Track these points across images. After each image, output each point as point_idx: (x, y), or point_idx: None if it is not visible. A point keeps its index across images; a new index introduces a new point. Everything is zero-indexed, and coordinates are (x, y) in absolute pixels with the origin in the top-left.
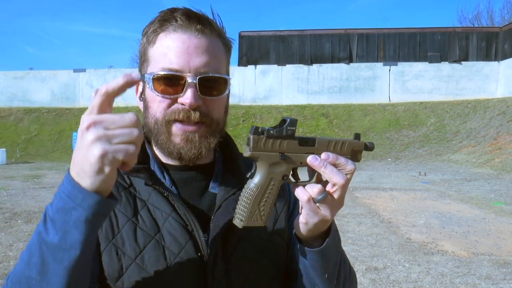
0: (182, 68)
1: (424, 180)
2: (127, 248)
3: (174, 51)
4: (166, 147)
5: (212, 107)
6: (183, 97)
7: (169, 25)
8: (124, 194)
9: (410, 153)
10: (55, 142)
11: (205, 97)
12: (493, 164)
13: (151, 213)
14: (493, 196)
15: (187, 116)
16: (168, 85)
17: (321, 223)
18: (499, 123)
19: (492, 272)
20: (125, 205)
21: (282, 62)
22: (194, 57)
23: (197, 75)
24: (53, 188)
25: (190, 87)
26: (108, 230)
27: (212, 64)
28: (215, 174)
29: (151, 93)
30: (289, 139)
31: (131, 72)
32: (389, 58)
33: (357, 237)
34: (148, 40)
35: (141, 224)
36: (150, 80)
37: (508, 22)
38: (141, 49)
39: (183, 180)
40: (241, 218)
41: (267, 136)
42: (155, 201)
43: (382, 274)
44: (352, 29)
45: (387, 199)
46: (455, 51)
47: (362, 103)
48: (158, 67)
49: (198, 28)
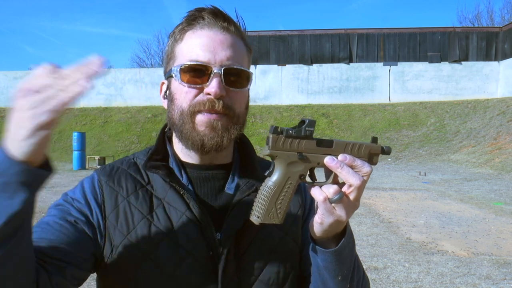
0: (208, 60)
1: (424, 180)
2: (141, 244)
3: (200, 46)
4: (190, 136)
5: (235, 100)
6: (208, 86)
7: (196, 23)
8: (141, 192)
9: (410, 153)
10: (55, 142)
11: (228, 88)
12: (493, 164)
13: (166, 211)
14: (493, 196)
15: (212, 106)
16: (194, 76)
17: (336, 223)
18: (499, 123)
19: (492, 272)
20: (141, 202)
21: (282, 62)
22: (219, 51)
23: (222, 66)
24: (53, 188)
25: (215, 77)
26: (124, 225)
27: (236, 58)
28: (232, 175)
29: (178, 84)
30: (307, 140)
31: None
32: (389, 58)
33: (357, 237)
34: (175, 39)
35: (156, 221)
36: (178, 71)
37: (508, 22)
38: (167, 49)
39: (200, 178)
40: (258, 215)
41: (286, 136)
42: (170, 199)
43: (382, 274)
44: (352, 29)
45: (387, 199)
46: (455, 51)
47: (362, 103)
48: (185, 60)
49: (224, 25)
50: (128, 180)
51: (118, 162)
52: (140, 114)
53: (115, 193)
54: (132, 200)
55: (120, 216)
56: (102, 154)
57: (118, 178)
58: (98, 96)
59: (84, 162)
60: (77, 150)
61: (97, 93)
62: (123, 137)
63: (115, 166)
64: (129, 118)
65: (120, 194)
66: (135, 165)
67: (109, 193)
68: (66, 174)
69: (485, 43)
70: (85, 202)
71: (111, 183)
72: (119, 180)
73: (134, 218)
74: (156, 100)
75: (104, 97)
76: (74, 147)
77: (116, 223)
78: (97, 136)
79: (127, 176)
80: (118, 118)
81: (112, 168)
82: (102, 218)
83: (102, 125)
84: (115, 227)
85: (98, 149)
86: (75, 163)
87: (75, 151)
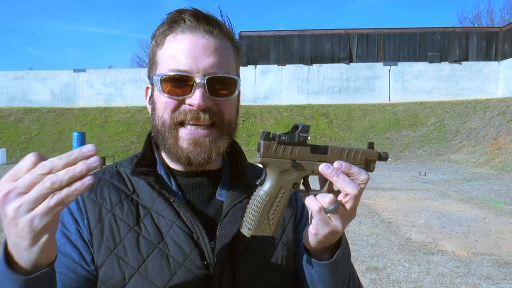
0: (190, 69)
1: (424, 180)
2: (129, 257)
3: (182, 52)
4: (174, 152)
5: (223, 108)
6: (191, 98)
7: (177, 26)
8: (126, 202)
9: (410, 153)
10: (55, 142)
11: (214, 98)
12: (493, 164)
13: (155, 220)
14: (493, 196)
15: (196, 118)
16: (176, 86)
17: (331, 234)
18: (499, 123)
19: (492, 272)
20: (127, 213)
21: (282, 62)
22: (202, 58)
23: (206, 75)
24: None
25: (198, 87)
26: (110, 239)
27: (221, 64)
28: (222, 181)
29: (159, 94)
30: (301, 146)
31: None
32: (389, 58)
33: (357, 237)
34: (156, 43)
35: (144, 232)
36: (158, 81)
37: (508, 22)
38: (150, 53)
39: (190, 186)
40: (249, 226)
41: (278, 142)
42: (159, 208)
43: (382, 274)
44: (352, 29)
45: (387, 199)
46: (455, 51)
47: (362, 103)
48: (166, 68)
49: (207, 29)
50: (112, 191)
51: (99, 173)
52: (140, 114)
53: (98, 206)
54: (117, 211)
55: (106, 230)
56: (102, 154)
57: (100, 190)
58: (98, 96)
59: None
60: None
61: (97, 93)
62: (123, 137)
63: (96, 177)
64: (129, 118)
65: (103, 207)
66: (118, 173)
67: (92, 207)
68: None
69: (485, 43)
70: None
71: (93, 196)
72: (101, 192)
73: (121, 230)
74: None
75: (104, 97)
76: (74, 147)
77: (102, 237)
78: (97, 136)
79: (110, 186)
80: (118, 118)
81: None
82: (89, 237)
83: (102, 125)
84: (101, 242)
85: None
86: None
87: None
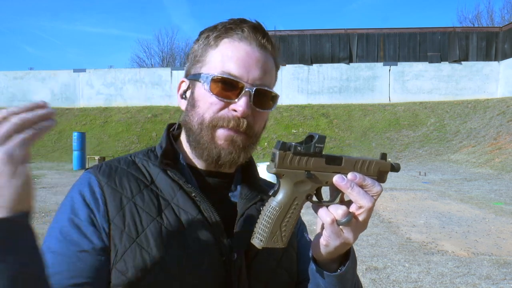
0: (241, 76)
1: (424, 180)
2: (152, 248)
3: (236, 59)
4: (207, 147)
5: (257, 120)
6: (237, 103)
7: (234, 33)
8: (146, 192)
9: (410, 153)
10: (55, 142)
11: (255, 108)
12: (493, 164)
13: (176, 213)
14: (493, 196)
15: (237, 124)
16: (225, 89)
17: (342, 246)
18: (499, 123)
19: (492, 272)
20: (148, 203)
21: (282, 62)
22: (253, 69)
23: (254, 86)
24: (53, 188)
25: (245, 95)
26: (132, 228)
27: (267, 79)
28: (235, 183)
29: (205, 93)
30: (316, 157)
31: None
32: (389, 58)
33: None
34: (208, 42)
35: (166, 223)
36: (208, 80)
37: (508, 22)
38: (197, 49)
39: (207, 185)
40: (260, 238)
41: (294, 153)
42: (180, 202)
43: (382, 274)
44: (352, 29)
45: (387, 199)
46: (455, 51)
47: (362, 103)
48: (218, 69)
49: (262, 43)
50: (131, 180)
51: (115, 161)
52: (140, 114)
53: (118, 194)
54: (138, 201)
55: (127, 219)
56: (102, 154)
57: (119, 178)
58: (98, 96)
59: (84, 162)
60: (77, 150)
61: (97, 93)
62: (123, 137)
63: (113, 165)
64: (129, 118)
65: (124, 196)
66: (135, 164)
67: (112, 195)
68: (66, 174)
69: (485, 43)
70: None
71: (112, 184)
72: (120, 180)
73: (143, 220)
74: (156, 100)
75: (104, 97)
76: (74, 147)
77: (124, 226)
78: (97, 136)
79: (129, 175)
80: (118, 118)
81: (111, 168)
82: (107, 225)
83: (102, 125)
84: (123, 230)
85: (98, 149)
86: (75, 163)
87: (75, 151)
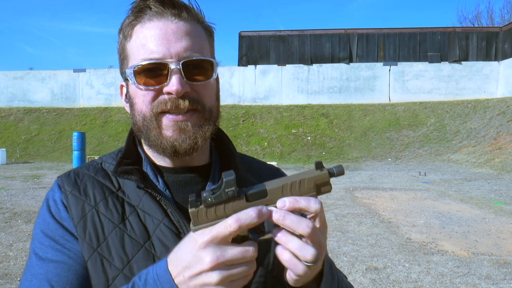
0: (163, 55)
1: (424, 180)
2: (114, 257)
3: (152, 40)
4: (158, 142)
5: (202, 93)
6: (168, 85)
7: (143, 15)
8: (111, 199)
9: (410, 153)
10: (55, 142)
11: (191, 83)
12: (493, 164)
13: (141, 219)
14: (493, 196)
15: (176, 105)
16: (150, 76)
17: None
18: (499, 123)
19: (492, 272)
20: (111, 210)
21: (282, 62)
22: (174, 43)
23: (180, 60)
24: None
25: (174, 73)
26: (93, 237)
27: (195, 47)
28: (212, 177)
29: (135, 88)
30: (233, 201)
31: (262, 207)
32: (389, 58)
33: (357, 237)
34: (124, 36)
35: (130, 231)
36: (132, 74)
37: (508, 22)
38: (119, 48)
39: (178, 183)
40: None
41: (206, 206)
42: (146, 206)
43: (382, 274)
44: (352, 29)
45: (387, 199)
46: (455, 51)
47: (362, 103)
48: (138, 59)
49: (174, 12)
50: (96, 187)
51: (84, 168)
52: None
53: (81, 202)
54: (101, 208)
55: (88, 227)
56: (102, 154)
57: (84, 186)
58: (98, 96)
59: (84, 162)
60: (77, 150)
61: (97, 93)
62: (123, 137)
63: (80, 173)
64: (129, 118)
65: (87, 203)
66: (103, 170)
67: (75, 203)
68: None
69: (485, 43)
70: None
71: (76, 192)
72: (85, 188)
73: (104, 228)
74: None
75: (104, 97)
76: (74, 147)
77: (84, 235)
78: (97, 136)
79: (95, 183)
80: (118, 118)
81: (78, 175)
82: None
83: (102, 125)
84: (83, 239)
85: (98, 149)
86: (75, 163)
87: (75, 151)
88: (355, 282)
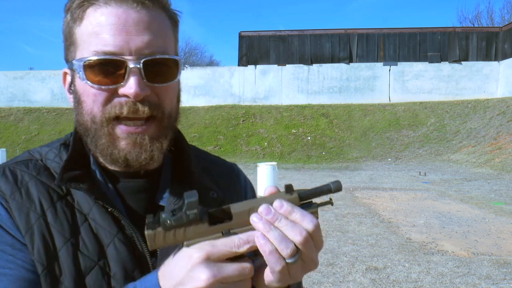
0: (121, 49)
1: (424, 180)
2: (66, 276)
3: (108, 29)
4: (108, 153)
5: (164, 97)
6: (125, 86)
7: None
8: (60, 205)
9: (410, 153)
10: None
11: (153, 85)
12: (493, 164)
13: (93, 230)
14: (493, 196)
15: (133, 111)
16: (104, 72)
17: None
18: (499, 123)
19: (492, 272)
20: (61, 220)
21: (282, 62)
22: (134, 36)
23: (141, 58)
24: None
25: (133, 73)
26: (42, 254)
27: (158, 43)
28: (162, 183)
29: (83, 84)
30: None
31: None
32: (389, 58)
33: (357, 237)
34: (73, 17)
35: (82, 246)
36: (81, 68)
37: (508, 22)
38: (65, 29)
39: (129, 190)
40: None
41: (165, 229)
42: (97, 218)
43: (382, 274)
44: (352, 29)
45: (387, 199)
46: (455, 51)
47: (362, 103)
48: (89, 50)
49: None
50: (41, 190)
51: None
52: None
53: (25, 209)
54: (50, 217)
55: (36, 241)
56: None
57: (26, 189)
58: None
59: None
60: None
61: None
62: None
63: (18, 172)
64: None
65: (32, 211)
66: (47, 169)
67: (18, 210)
68: None
69: (485, 43)
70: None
71: (17, 196)
72: (27, 191)
73: (55, 242)
74: None
75: None
76: None
77: (33, 251)
78: None
79: (39, 185)
80: None
81: (15, 175)
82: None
83: None
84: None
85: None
86: None
87: None
88: (355, 282)
